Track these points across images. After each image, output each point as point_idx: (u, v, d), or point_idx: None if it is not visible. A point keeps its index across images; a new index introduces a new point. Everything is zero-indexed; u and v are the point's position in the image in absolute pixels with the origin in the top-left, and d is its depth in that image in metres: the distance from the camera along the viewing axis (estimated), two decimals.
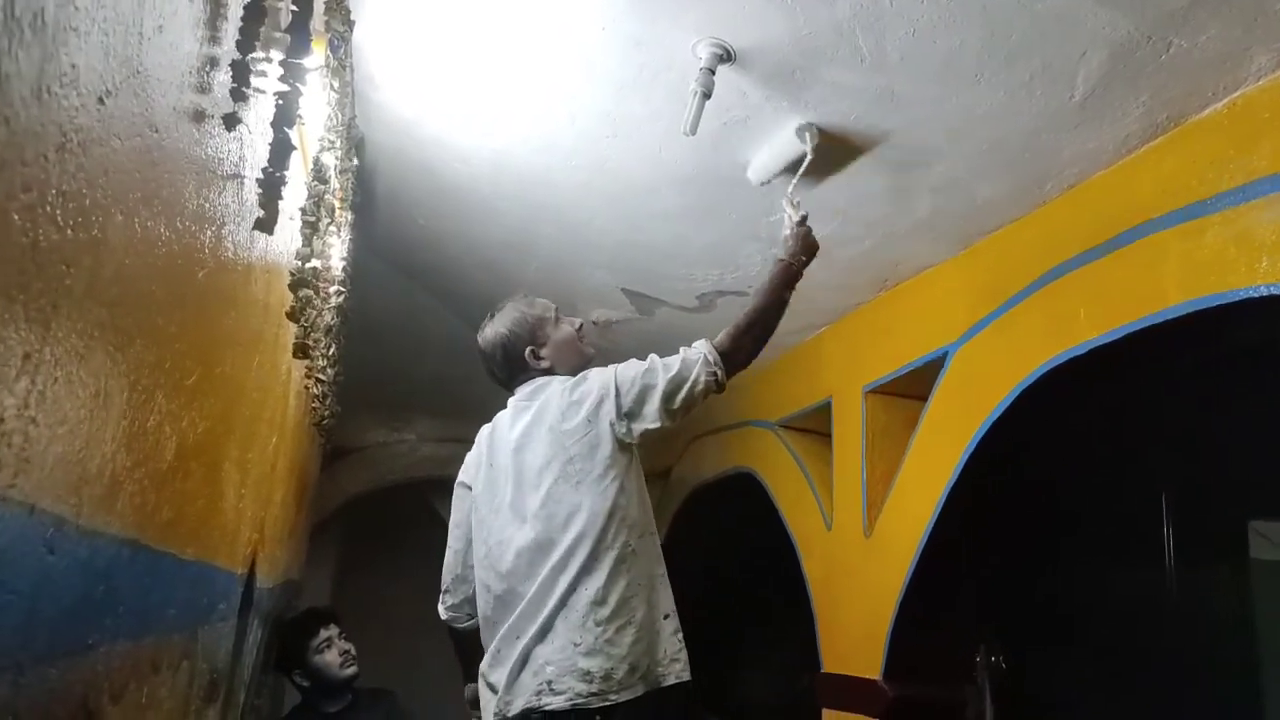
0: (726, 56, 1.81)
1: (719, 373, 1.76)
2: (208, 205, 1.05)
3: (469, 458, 1.98)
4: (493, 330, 1.96)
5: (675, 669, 1.71)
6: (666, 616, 1.75)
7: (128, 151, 0.76)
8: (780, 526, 3.19)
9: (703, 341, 1.80)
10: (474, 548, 1.86)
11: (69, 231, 0.64)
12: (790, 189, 2.04)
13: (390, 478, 4.73)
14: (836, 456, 2.88)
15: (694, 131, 1.85)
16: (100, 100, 0.67)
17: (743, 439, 3.53)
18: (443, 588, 2.00)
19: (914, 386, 2.58)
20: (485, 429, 1.96)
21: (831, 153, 2.05)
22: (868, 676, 2.53)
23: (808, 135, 1.97)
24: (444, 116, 2.23)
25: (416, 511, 5.08)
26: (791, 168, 2.04)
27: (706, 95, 1.83)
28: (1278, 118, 1.64)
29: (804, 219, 1.97)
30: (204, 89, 0.99)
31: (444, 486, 4.91)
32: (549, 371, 1.90)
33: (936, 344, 2.46)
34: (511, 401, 1.92)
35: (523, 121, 2.17)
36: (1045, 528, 3.19)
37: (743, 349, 1.81)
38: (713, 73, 1.82)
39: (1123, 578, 4.00)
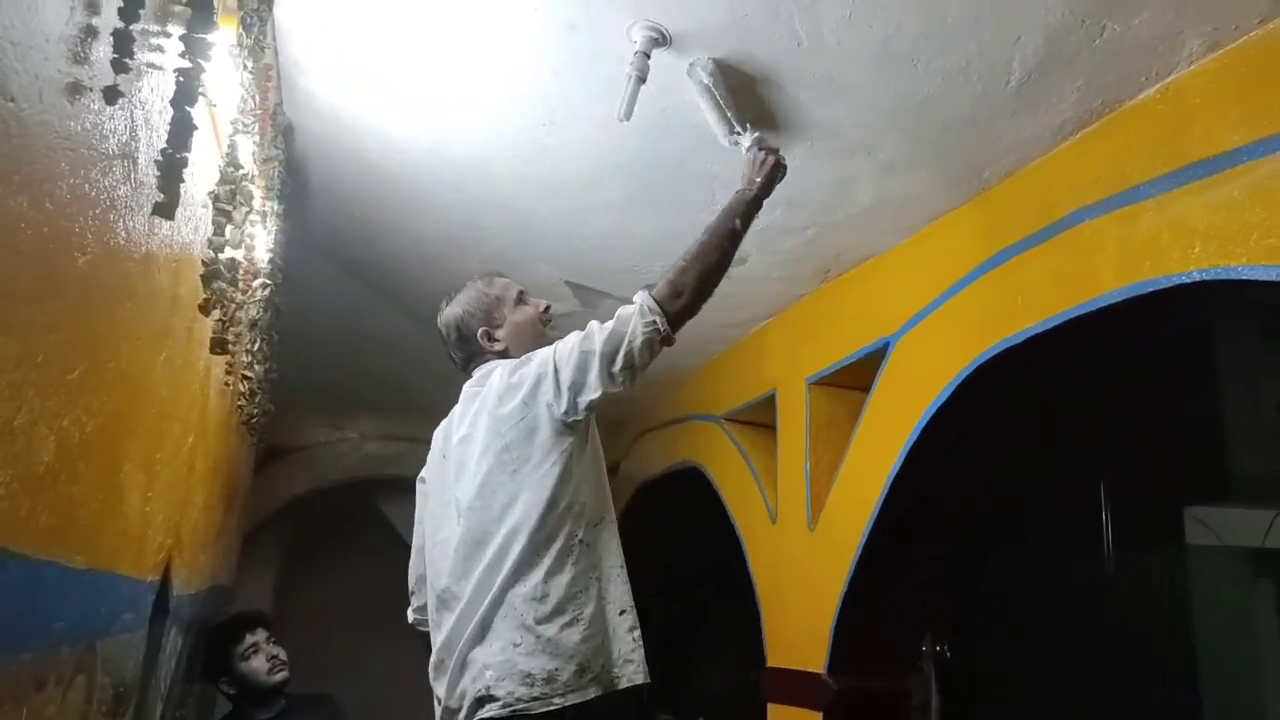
0: (662, 40, 1.76)
1: (658, 320, 1.59)
2: (88, 186, 0.97)
3: (430, 452, 1.85)
4: (449, 310, 1.84)
5: (629, 670, 1.58)
6: (622, 613, 1.62)
7: None
8: (728, 521, 3.17)
9: (640, 292, 1.64)
10: (425, 546, 1.75)
11: None
12: (722, 125, 1.89)
13: (333, 478, 4.61)
14: (781, 449, 2.85)
15: (628, 117, 1.81)
16: None
17: (688, 433, 3.50)
18: (409, 590, 1.87)
19: (857, 378, 2.57)
20: (444, 421, 1.83)
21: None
22: (812, 670, 2.51)
23: (699, 70, 1.82)
24: (376, 104, 2.15)
25: (361, 512, 4.97)
26: (717, 108, 1.87)
27: (642, 80, 1.78)
28: (1209, 103, 1.64)
29: (757, 141, 1.83)
30: (79, 59, 0.91)
31: (389, 486, 4.84)
32: (504, 354, 1.77)
33: (878, 335, 2.45)
34: (465, 387, 1.80)
35: (458, 109, 2.10)
36: (987, 516, 3.21)
37: (685, 290, 1.63)
38: (648, 56, 1.77)
39: (1063, 564, 4.06)
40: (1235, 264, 1.56)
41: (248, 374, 2.29)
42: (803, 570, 2.67)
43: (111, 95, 0.97)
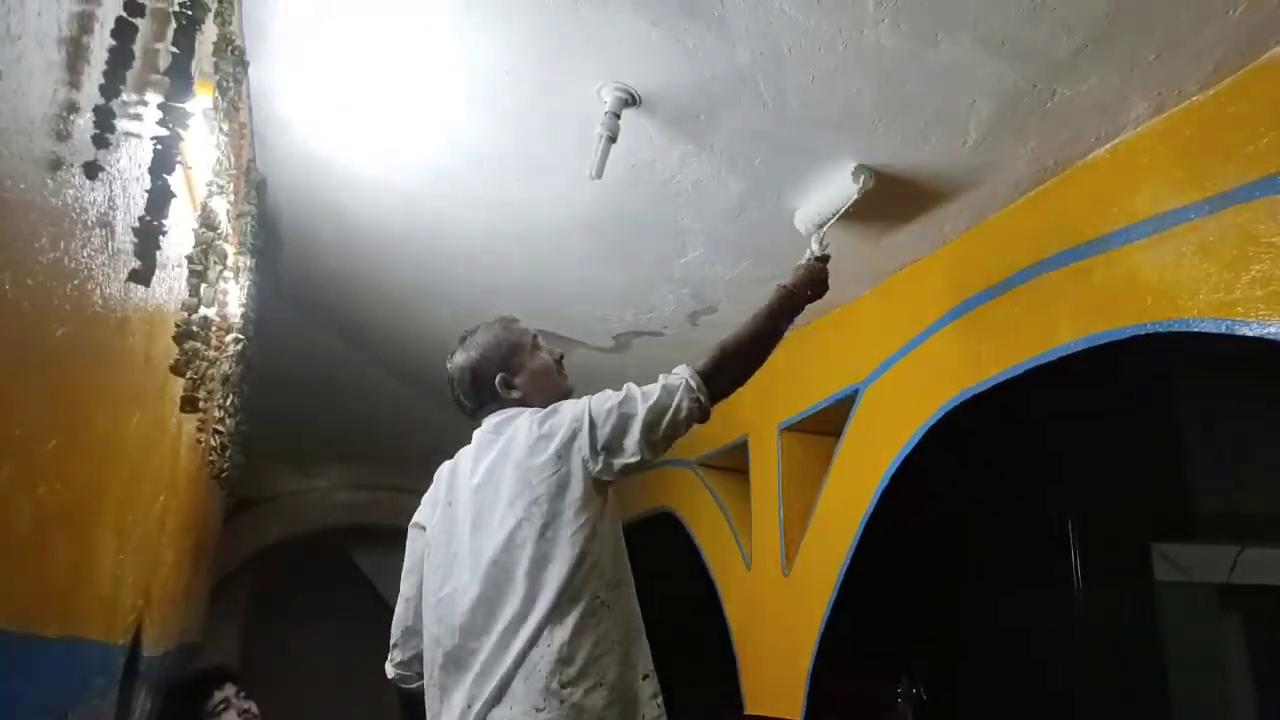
0: (631, 101, 1.82)
1: (703, 399, 1.58)
2: (67, 259, 0.99)
3: (426, 496, 1.78)
4: (463, 355, 1.75)
5: None
6: (646, 677, 1.56)
7: None
8: (703, 566, 3.17)
9: (683, 366, 1.61)
10: (425, 597, 1.65)
11: None
12: (825, 226, 2.05)
13: (302, 527, 4.56)
14: (754, 495, 2.88)
15: (600, 175, 1.85)
16: None
17: (663, 478, 3.51)
18: (391, 642, 1.77)
19: (827, 424, 2.61)
20: (446, 465, 1.76)
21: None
22: (788, 719, 2.51)
23: (862, 178, 1.96)
24: (349, 159, 2.18)
25: (332, 561, 4.90)
26: (834, 206, 2.05)
27: (612, 139, 1.83)
28: (1156, 162, 1.71)
29: (825, 258, 1.93)
30: (61, 136, 0.93)
31: (361, 534, 4.79)
32: (521, 403, 1.69)
33: (847, 382, 2.49)
34: (476, 434, 1.71)
35: (430, 164, 2.14)
36: (959, 558, 3.24)
37: (726, 374, 1.64)
38: (618, 116, 1.82)
39: (1034, 603, 4.11)
40: (1185, 316, 1.62)
41: (219, 429, 2.28)
42: (778, 616, 2.68)
43: (92, 170, 0.99)
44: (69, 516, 1.13)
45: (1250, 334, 1.50)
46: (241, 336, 2.19)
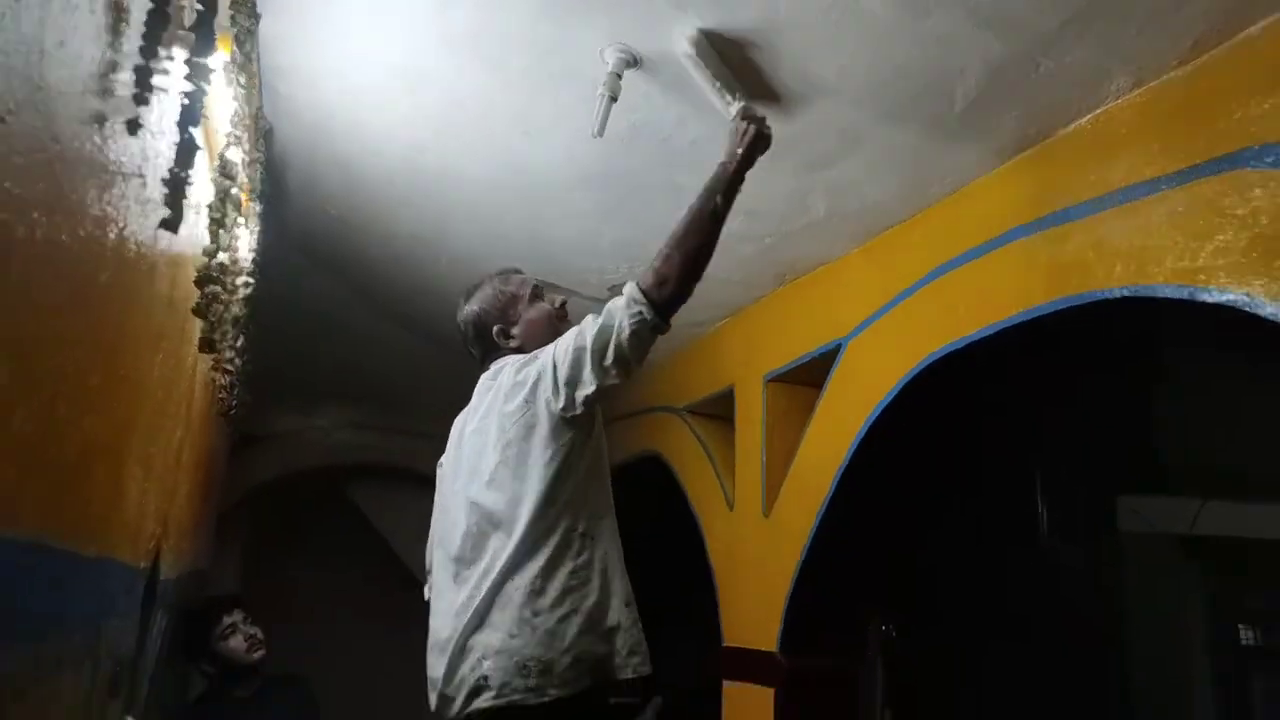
0: (633, 62, 1.87)
1: (644, 310, 1.58)
2: (110, 208, 1.07)
3: (450, 440, 1.89)
4: (467, 307, 1.90)
5: (634, 662, 1.62)
6: (628, 605, 1.65)
7: (29, 166, 0.78)
8: (687, 507, 3.31)
9: (629, 284, 1.63)
10: (434, 531, 1.82)
11: None
12: (715, 97, 1.85)
13: (301, 465, 4.67)
14: (739, 441, 2.99)
15: (602, 134, 1.91)
16: (1, 120, 0.69)
17: (651, 424, 3.63)
18: (425, 570, 1.91)
19: (811, 375, 2.71)
20: (465, 410, 1.87)
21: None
22: (765, 649, 2.66)
23: (685, 42, 1.77)
24: (354, 110, 2.23)
25: (330, 499, 5.03)
26: (706, 80, 1.83)
27: (614, 99, 1.89)
28: (1133, 134, 1.79)
29: (741, 110, 1.79)
30: (106, 94, 1.00)
31: (358, 472, 4.90)
32: (519, 351, 1.81)
33: (831, 336, 2.59)
34: (480, 380, 1.85)
35: (434, 119, 2.19)
36: (931, 506, 3.38)
37: (670, 276, 1.61)
38: (619, 77, 1.88)
39: (1003, 550, 4.29)
40: (1152, 283, 1.71)
41: (229, 368, 2.37)
42: (757, 555, 2.81)
43: (133, 127, 1.06)
44: (107, 448, 1.23)
45: (1210, 300, 1.59)
46: (251, 280, 2.27)
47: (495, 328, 1.85)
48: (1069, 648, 4.14)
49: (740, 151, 1.74)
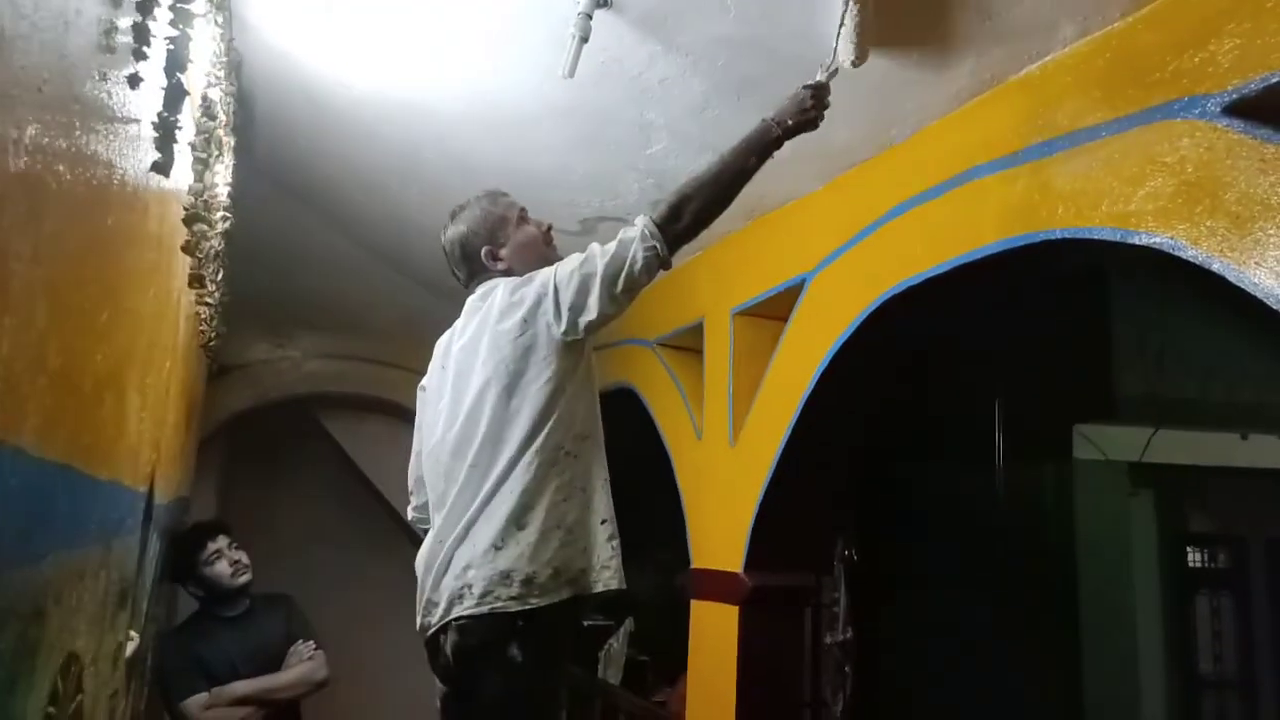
0: (604, 2, 1.92)
1: (658, 245, 1.63)
2: (115, 157, 1.13)
3: (432, 361, 1.92)
4: (453, 228, 1.89)
5: (605, 576, 1.69)
6: (603, 522, 1.72)
7: (58, 126, 0.85)
8: (658, 437, 3.44)
9: (641, 217, 1.67)
10: (423, 449, 1.85)
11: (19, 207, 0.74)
12: (838, 35, 1.83)
13: (274, 394, 4.74)
14: (707, 372, 3.12)
15: (572, 74, 1.96)
16: (39, 89, 0.76)
17: (623, 356, 3.74)
18: (408, 490, 1.96)
19: (776, 309, 2.82)
20: (446, 333, 1.90)
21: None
22: (730, 570, 2.83)
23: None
24: (324, 42, 2.26)
25: (302, 427, 5.12)
26: (850, 20, 1.82)
27: (584, 39, 1.94)
28: (1077, 83, 1.89)
29: (819, 85, 1.80)
30: (110, 51, 1.06)
31: (331, 402, 4.99)
32: (507, 273, 1.82)
33: (796, 271, 2.69)
34: (468, 301, 1.85)
35: (404, 50, 2.22)
36: (892, 435, 3.55)
37: (686, 216, 1.66)
38: (590, 18, 1.93)
39: (960, 477, 4.50)
40: (1090, 225, 1.83)
41: (208, 300, 2.43)
42: (724, 482, 2.96)
43: (134, 81, 1.12)
44: (113, 378, 1.31)
45: (1140, 243, 1.71)
46: (228, 215, 2.31)
47: (484, 249, 1.85)
48: (1023, 568, 4.39)
49: (791, 123, 1.77)
